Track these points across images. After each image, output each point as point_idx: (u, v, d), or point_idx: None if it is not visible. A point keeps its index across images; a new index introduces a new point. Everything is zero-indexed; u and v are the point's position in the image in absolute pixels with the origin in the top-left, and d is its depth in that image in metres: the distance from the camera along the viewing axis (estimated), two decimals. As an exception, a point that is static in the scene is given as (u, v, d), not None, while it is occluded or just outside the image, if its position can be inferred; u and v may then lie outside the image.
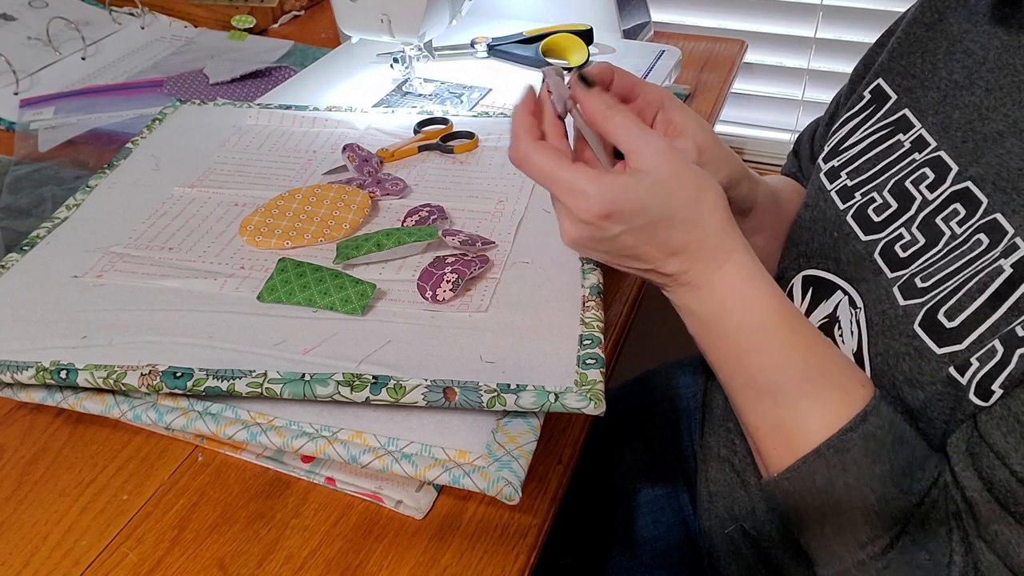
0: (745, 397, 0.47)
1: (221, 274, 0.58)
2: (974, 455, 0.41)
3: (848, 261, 0.52)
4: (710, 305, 0.46)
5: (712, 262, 0.45)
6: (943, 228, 0.46)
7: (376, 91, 0.89)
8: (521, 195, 0.67)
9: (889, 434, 0.43)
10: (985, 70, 0.49)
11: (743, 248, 0.46)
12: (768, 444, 0.47)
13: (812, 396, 0.44)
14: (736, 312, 0.46)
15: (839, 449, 0.43)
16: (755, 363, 0.46)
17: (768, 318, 0.45)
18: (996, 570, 0.40)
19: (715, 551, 0.65)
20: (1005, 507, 0.39)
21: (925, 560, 0.42)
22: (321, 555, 0.46)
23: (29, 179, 0.80)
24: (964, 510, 0.41)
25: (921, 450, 0.44)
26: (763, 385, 0.46)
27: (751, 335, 0.45)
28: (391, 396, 0.46)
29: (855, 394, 0.44)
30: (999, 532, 0.40)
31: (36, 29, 1.04)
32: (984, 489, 0.40)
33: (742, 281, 0.45)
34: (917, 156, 0.51)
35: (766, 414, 0.47)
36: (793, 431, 0.45)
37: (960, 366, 0.42)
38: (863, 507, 0.42)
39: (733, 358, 0.47)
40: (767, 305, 0.45)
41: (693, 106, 0.95)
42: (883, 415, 0.44)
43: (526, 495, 0.49)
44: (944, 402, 0.43)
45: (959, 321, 0.42)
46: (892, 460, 0.43)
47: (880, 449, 0.43)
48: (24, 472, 0.51)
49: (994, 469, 0.40)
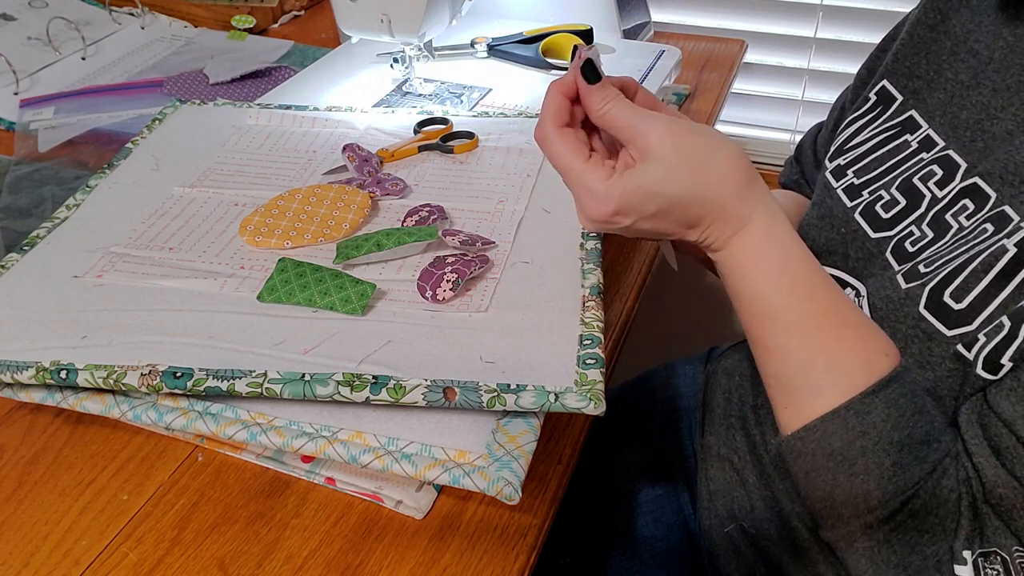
0: (760, 355, 0.48)
1: (221, 274, 0.58)
2: (984, 426, 0.42)
3: (857, 257, 0.52)
4: (728, 267, 0.47)
5: (728, 230, 0.46)
6: (951, 222, 0.47)
7: (376, 91, 0.89)
8: (521, 195, 0.67)
9: (911, 403, 0.43)
10: (991, 70, 0.49)
11: (764, 211, 0.46)
12: (780, 402, 0.48)
13: (825, 363, 0.45)
14: (750, 275, 0.46)
15: (859, 412, 0.43)
16: (769, 326, 0.46)
17: (780, 283, 0.46)
18: (1001, 534, 0.41)
19: (715, 550, 0.65)
20: (1011, 472, 0.40)
21: (934, 524, 0.43)
22: (321, 555, 0.46)
23: (29, 179, 0.80)
24: (973, 476, 0.42)
25: (940, 422, 0.44)
26: (775, 348, 0.46)
27: (764, 299, 0.46)
28: (391, 396, 0.46)
29: (876, 362, 0.44)
30: (1004, 496, 0.41)
31: (36, 29, 1.04)
32: (992, 456, 0.41)
33: (758, 245, 0.46)
34: (925, 155, 0.51)
35: (777, 374, 0.47)
36: (804, 394, 0.45)
37: (968, 343, 0.42)
38: (878, 472, 0.43)
39: (751, 318, 0.47)
40: (780, 270, 0.46)
41: (693, 106, 0.95)
42: (907, 384, 0.44)
43: (526, 495, 0.49)
44: (953, 379, 0.44)
45: (966, 303, 0.43)
46: (912, 428, 0.43)
47: (901, 416, 0.43)
48: (24, 472, 0.51)
49: (1001, 437, 0.41)
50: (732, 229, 0.46)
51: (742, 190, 0.45)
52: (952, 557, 0.42)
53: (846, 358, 0.44)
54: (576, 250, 0.59)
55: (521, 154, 0.72)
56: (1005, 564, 0.41)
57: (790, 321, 0.45)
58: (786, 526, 0.58)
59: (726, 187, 0.45)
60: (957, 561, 0.42)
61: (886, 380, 0.43)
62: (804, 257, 0.47)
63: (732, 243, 0.46)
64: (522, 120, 0.78)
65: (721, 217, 0.45)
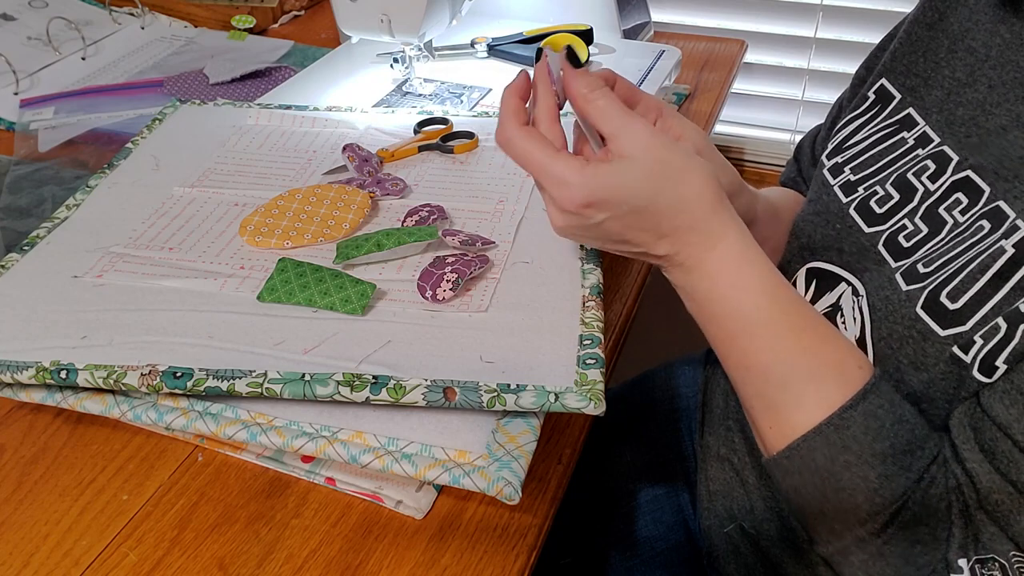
0: (738, 376, 0.48)
1: (221, 274, 0.58)
2: (976, 429, 0.42)
3: (851, 252, 0.52)
4: (701, 287, 0.46)
5: (701, 245, 0.45)
6: (946, 217, 0.47)
7: (376, 91, 0.89)
8: (521, 195, 0.67)
9: (890, 413, 0.43)
10: (988, 67, 0.49)
11: (736, 231, 0.46)
12: (763, 424, 0.47)
13: (804, 378, 0.45)
14: (726, 295, 0.46)
15: (839, 427, 0.43)
16: (746, 345, 0.46)
17: (759, 301, 0.45)
18: (997, 539, 0.41)
19: (714, 550, 0.65)
20: (1006, 477, 0.40)
21: (925, 534, 0.43)
22: (321, 555, 0.46)
23: (29, 179, 0.80)
24: (965, 483, 0.42)
25: (922, 429, 0.44)
26: (755, 366, 0.46)
27: (741, 318, 0.46)
28: (391, 396, 0.46)
29: (851, 376, 0.44)
30: (1000, 502, 0.40)
31: (36, 29, 1.04)
32: (986, 460, 0.41)
33: (733, 263, 0.45)
34: (920, 152, 0.51)
35: (759, 393, 0.47)
36: (785, 411, 0.45)
37: (964, 345, 0.42)
38: (863, 485, 0.43)
39: (726, 339, 0.47)
40: (758, 287, 0.45)
41: (693, 106, 0.95)
42: (884, 394, 0.44)
43: (526, 495, 0.49)
44: (947, 382, 0.44)
45: (962, 303, 0.43)
46: (893, 438, 0.43)
47: (880, 427, 0.43)
48: (24, 472, 0.51)
49: (996, 441, 0.40)
50: (708, 244, 0.45)
51: (715, 206, 0.45)
52: (947, 566, 0.42)
53: (823, 372, 0.44)
54: (576, 250, 0.59)
55: (521, 154, 0.72)
56: (1004, 570, 0.40)
57: (769, 338, 0.45)
58: (786, 526, 0.58)
59: (701, 202, 0.45)
60: (953, 570, 0.41)
61: (863, 392, 0.43)
62: (776, 273, 0.47)
63: (708, 258, 0.45)
64: (522, 120, 0.78)
65: (695, 229, 0.45)
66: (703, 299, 0.47)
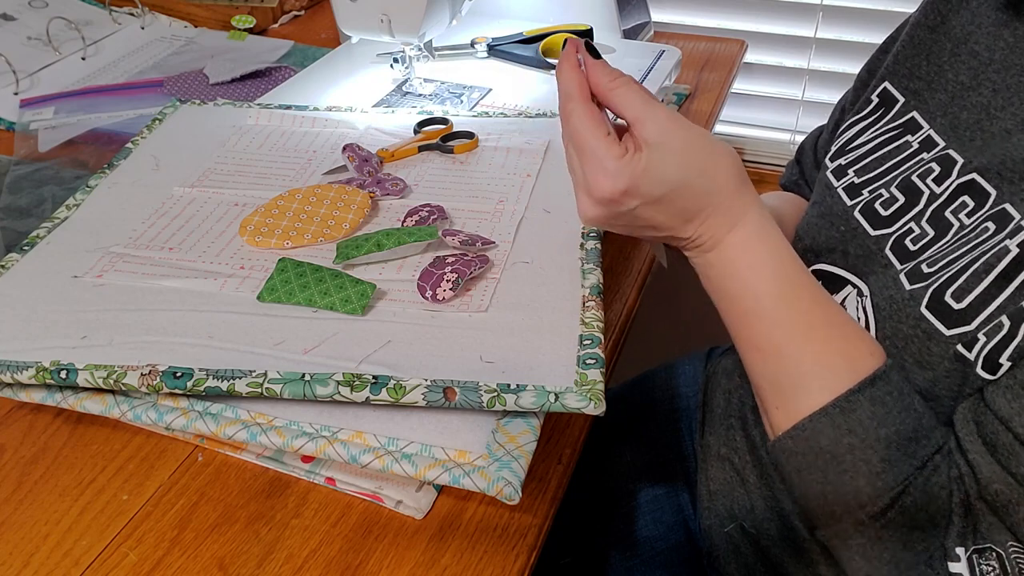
0: (749, 356, 0.48)
1: (221, 274, 0.58)
2: (979, 423, 0.42)
3: (856, 255, 0.53)
4: (719, 266, 0.47)
5: (724, 225, 0.46)
6: (952, 220, 0.47)
7: (376, 91, 0.89)
8: (521, 195, 0.67)
9: (897, 401, 0.44)
10: (991, 71, 0.49)
11: (756, 211, 0.46)
12: (771, 404, 0.48)
13: (813, 362, 0.45)
14: (742, 275, 0.46)
15: (845, 410, 0.44)
16: (757, 326, 0.47)
17: (773, 283, 0.46)
18: (996, 530, 0.41)
19: (715, 550, 0.65)
20: (1007, 469, 0.41)
21: (924, 520, 0.43)
22: (321, 555, 0.46)
23: (29, 179, 0.80)
24: (967, 473, 0.42)
25: (928, 420, 0.45)
26: (766, 347, 0.47)
27: (755, 298, 0.46)
28: (391, 396, 0.46)
29: (861, 362, 0.45)
30: (999, 492, 0.41)
31: (36, 29, 1.04)
32: (987, 452, 0.41)
33: (752, 244, 0.46)
34: (926, 155, 0.51)
35: (768, 374, 0.47)
36: (793, 393, 0.46)
37: (968, 343, 0.43)
38: (866, 468, 0.43)
39: (739, 317, 0.48)
40: (774, 269, 0.46)
41: (693, 106, 0.95)
42: (892, 382, 0.44)
43: (526, 495, 0.49)
44: (952, 379, 0.44)
45: (967, 302, 0.43)
46: (898, 425, 0.43)
47: (887, 414, 0.43)
48: (24, 472, 0.51)
49: (998, 434, 0.41)
50: (729, 224, 0.46)
51: (739, 186, 0.46)
52: (945, 554, 0.42)
53: (832, 357, 0.45)
54: (576, 250, 0.59)
55: (521, 154, 0.72)
56: (1001, 560, 0.41)
57: (781, 319, 0.46)
58: (786, 526, 0.58)
59: (728, 180, 0.46)
60: (950, 558, 0.42)
61: (871, 378, 0.44)
62: (793, 256, 0.47)
63: (727, 240, 0.46)
64: (522, 120, 0.78)
65: (719, 210, 0.46)
66: (721, 278, 0.47)
